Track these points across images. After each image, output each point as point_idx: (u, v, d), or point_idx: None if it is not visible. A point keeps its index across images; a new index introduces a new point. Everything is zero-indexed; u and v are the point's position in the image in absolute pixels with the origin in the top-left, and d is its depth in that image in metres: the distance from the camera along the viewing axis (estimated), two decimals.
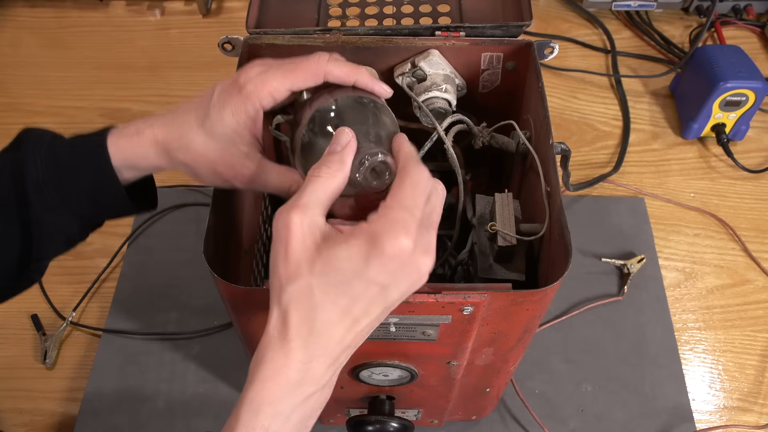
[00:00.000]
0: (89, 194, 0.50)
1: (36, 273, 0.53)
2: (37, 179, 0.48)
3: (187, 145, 0.49)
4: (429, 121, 0.62)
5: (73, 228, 0.51)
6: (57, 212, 0.49)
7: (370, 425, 0.61)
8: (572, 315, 0.83)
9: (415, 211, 0.40)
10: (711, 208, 0.94)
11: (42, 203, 0.48)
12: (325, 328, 0.40)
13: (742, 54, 0.96)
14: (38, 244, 0.50)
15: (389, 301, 0.41)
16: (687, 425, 0.76)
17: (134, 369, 0.79)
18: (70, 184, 0.49)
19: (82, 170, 0.49)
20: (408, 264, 0.39)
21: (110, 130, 0.51)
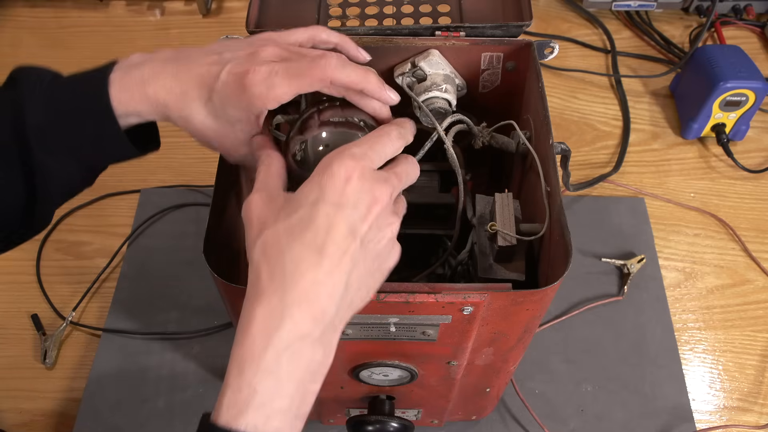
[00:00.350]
0: (91, 139, 0.49)
1: (42, 220, 0.52)
2: (38, 123, 0.47)
3: (187, 118, 0.49)
4: (429, 121, 0.62)
5: (75, 173, 0.51)
6: (59, 157, 0.48)
7: (370, 425, 0.61)
8: (572, 315, 0.83)
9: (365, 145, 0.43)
10: (711, 208, 0.94)
11: (43, 148, 0.47)
12: (296, 267, 0.39)
13: (742, 54, 0.96)
14: (42, 190, 0.49)
15: (351, 223, 0.40)
16: (687, 425, 0.76)
17: (134, 369, 0.79)
18: (70, 128, 0.48)
19: (83, 115, 0.48)
20: (360, 188, 0.41)
21: (112, 69, 0.48)
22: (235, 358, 0.39)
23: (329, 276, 0.40)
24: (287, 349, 0.39)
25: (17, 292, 0.86)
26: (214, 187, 0.53)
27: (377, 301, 0.47)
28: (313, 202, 0.41)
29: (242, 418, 0.39)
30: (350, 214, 0.41)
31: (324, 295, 0.40)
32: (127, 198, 0.94)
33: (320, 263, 0.40)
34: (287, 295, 0.39)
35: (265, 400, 0.39)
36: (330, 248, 0.40)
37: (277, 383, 0.39)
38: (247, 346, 0.39)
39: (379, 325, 0.50)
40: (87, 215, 0.93)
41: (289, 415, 0.40)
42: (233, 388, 0.39)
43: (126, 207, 0.93)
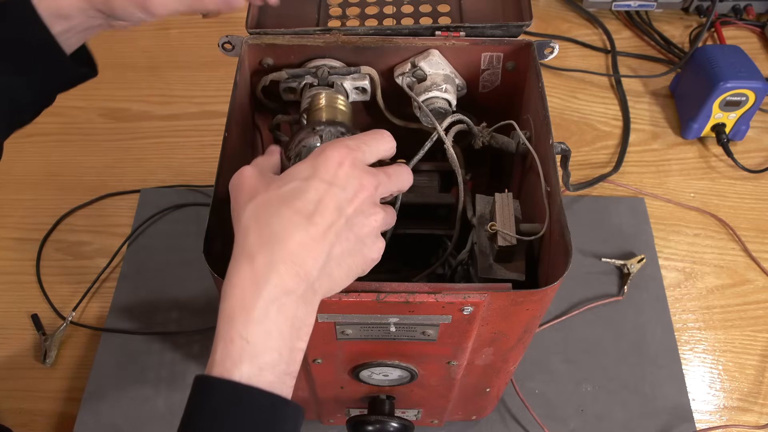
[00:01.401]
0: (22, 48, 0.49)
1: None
2: None
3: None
4: (429, 121, 0.62)
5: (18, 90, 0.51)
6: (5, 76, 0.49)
7: (370, 425, 0.61)
8: (572, 315, 0.83)
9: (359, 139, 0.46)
10: (711, 208, 0.94)
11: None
12: (284, 229, 0.41)
13: (742, 54, 0.96)
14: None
15: (339, 201, 0.43)
16: (687, 425, 0.76)
17: (134, 369, 0.79)
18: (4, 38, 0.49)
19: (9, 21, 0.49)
20: (350, 173, 0.44)
21: None
22: (225, 311, 0.41)
23: (314, 242, 0.42)
24: (274, 302, 0.40)
25: (17, 292, 0.86)
26: (214, 187, 0.53)
27: (377, 301, 0.47)
28: (305, 178, 0.43)
29: (236, 369, 0.40)
30: (338, 193, 0.43)
31: (309, 257, 0.41)
32: (127, 198, 0.94)
33: (307, 229, 0.42)
34: (275, 253, 0.41)
35: (257, 351, 0.40)
36: (318, 218, 0.42)
37: (266, 335, 0.40)
38: (237, 298, 0.41)
39: (379, 325, 0.51)
40: (87, 215, 0.93)
41: (278, 370, 0.41)
42: (225, 339, 0.40)
43: (126, 207, 0.93)
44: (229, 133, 0.56)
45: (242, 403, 0.40)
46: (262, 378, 0.40)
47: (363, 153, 0.45)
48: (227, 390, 0.40)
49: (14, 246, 0.90)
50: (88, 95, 1.04)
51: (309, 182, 0.43)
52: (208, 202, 0.53)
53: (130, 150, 0.99)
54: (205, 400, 0.40)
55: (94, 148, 0.99)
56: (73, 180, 0.96)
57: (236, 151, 0.58)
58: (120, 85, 1.06)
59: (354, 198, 0.44)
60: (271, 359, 0.41)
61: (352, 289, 0.47)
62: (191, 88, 1.06)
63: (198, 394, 0.41)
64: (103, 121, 1.03)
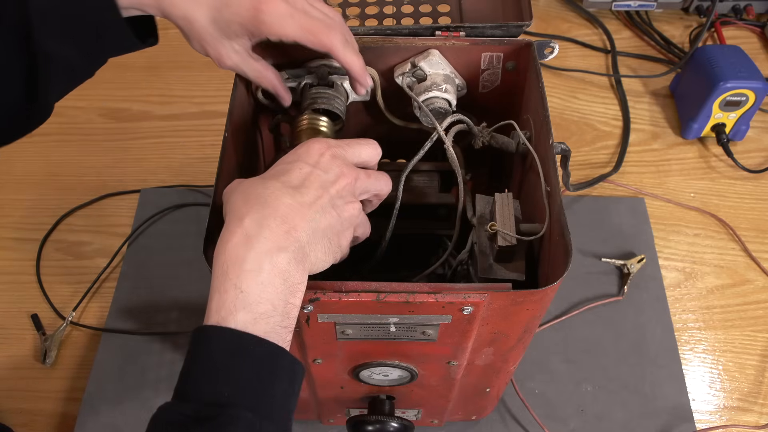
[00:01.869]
0: (92, 26, 0.50)
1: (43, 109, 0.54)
2: (40, 6, 0.48)
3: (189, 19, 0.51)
4: (429, 121, 0.62)
5: (75, 60, 0.52)
6: (59, 41, 0.50)
7: (370, 425, 0.61)
8: (572, 315, 0.83)
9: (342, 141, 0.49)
10: (711, 208, 0.94)
11: (44, 31, 0.49)
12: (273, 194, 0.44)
13: (742, 54, 0.96)
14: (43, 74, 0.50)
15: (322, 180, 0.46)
16: (687, 425, 0.76)
17: (134, 369, 0.79)
18: (72, 13, 0.49)
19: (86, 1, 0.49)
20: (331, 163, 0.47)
21: None
22: (219, 264, 0.42)
23: (303, 207, 0.44)
24: (267, 255, 0.42)
25: (17, 292, 0.86)
26: (214, 187, 0.53)
27: (377, 301, 0.47)
28: (289, 162, 0.46)
29: (232, 317, 0.41)
30: (321, 174, 0.46)
31: (298, 218, 0.43)
32: (127, 198, 0.94)
33: (294, 196, 0.44)
34: (265, 211, 0.43)
35: (252, 300, 0.41)
36: (304, 189, 0.45)
37: (260, 286, 0.41)
38: (230, 251, 0.42)
39: (379, 325, 0.51)
40: (87, 215, 0.93)
41: (272, 321, 0.42)
42: (219, 290, 0.41)
43: (126, 207, 0.93)
44: (229, 133, 0.56)
45: (240, 349, 0.41)
46: (258, 327, 0.41)
47: (343, 150, 0.48)
48: (225, 337, 0.40)
49: (14, 246, 0.90)
50: (87, 95, 1.04)
51: (293, 164, 0.46)
52: (208, 202, 0.53)
53: (130, 150, 0.99)
54: (204, 349, 0.41)
55: (94, 148, 0.99)
56: (73, 180, 0.96)
57: (236, 151, 0.58)
58: (120, 85, 1.06)
59: (335, 181, 0.46)
60: (265, 310, 0.41)
61: (352, 289, 0.47)
62: (191, 88, 1.06)
63: (196, 345, 0.42)
64: (103, 121, 1.03)
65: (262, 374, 0.41)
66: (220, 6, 0.51)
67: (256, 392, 0.41)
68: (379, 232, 0.61)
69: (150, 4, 0.51)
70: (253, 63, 0.56)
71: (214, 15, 0.51)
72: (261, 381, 0.41)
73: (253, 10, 0.51)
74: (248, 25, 0.51)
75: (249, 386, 0.41)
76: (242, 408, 0.40)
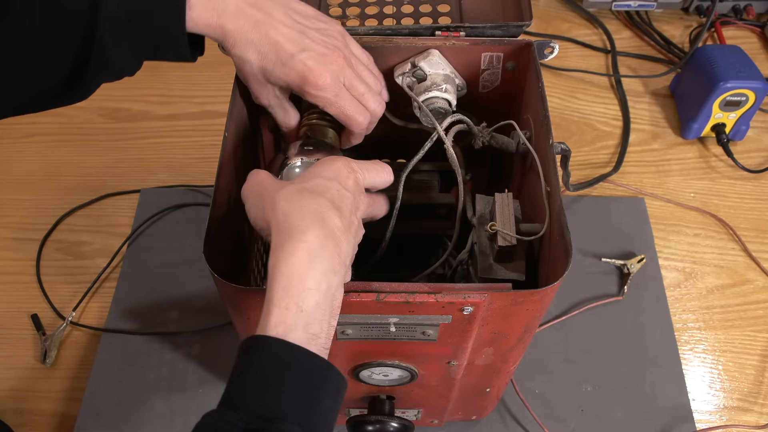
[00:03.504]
0: (155, 41, 0.52)
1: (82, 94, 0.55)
2: (113, 12, 0.49)
3: (242, 59, 0.54)
4: (429, 121, 0.62)
5: (128, 65, 0.54)
6: (120, 49, 0.51)
7: (370, 425, 0.61)
8: (572, 315, 0.83)
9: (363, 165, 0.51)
10: (711, 208, 0.94)
11: (109, 37, 0.50)
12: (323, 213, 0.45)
13: (742, 54, 0.96)
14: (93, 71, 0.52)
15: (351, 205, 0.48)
16: (687, 425, 0.76)
17: (134, 369, 0.79)
18: (141, 27, 0.51)
19: (156, 20, 0.51)
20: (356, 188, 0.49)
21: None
22: (281, 277, 0.42)
23: (346, 230, 0.46)
24: (325, 275, 0.43)
25: (17, 292, 0.86)
26: (214, 187, 0.53)
27: (377, 301, 0.47)
28: (327, 178, 0.48)
29: (291, 334, 0.41)
30: (351, 198, 0.48)
31: (344, 241, 0.45)
32: (127, 198, 0.94)
33: (341, 218, 0.46)
34: (324, 229, 0.44)
35: (309, 320, 0.42)
36: (344, 212, 0.46)
37: (316, 306, 0.42)
38: (295, 266, 0.42)
39: (379, 325, 0.51)
40: (87, 215, 0.93)
41: (319, 343, 0.43)
42: (280, 306, 0.42)
43: (126, 207, 0.93)
44: (229, 133, 0.56)
45: (293, 362, 0.41)
46: (311, 346, 0.42)
47: (363, 176, 0.51)
48: (279, 348, 0.41)
49: (14, 246, 0.90)
50: None
51: (331, 182, 0.48)
52: (208, 202, 0.53)
53: (130, 150, 0.99)
54: (257, 358, 0.41)
55: (94, 148, 0.99)
56: (73, 180, 0.96)
57: (236, 151, 0.58)
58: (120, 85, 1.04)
59: (356, 209, 0.49)
60: (316, 330, 0.42)
61: (352, 289, 0.47)
62: (191, 88, 1.06)
63: (249, 354, 0.42)
64: (103, 121, 1.03)
65: (312, 389, 0.42)
66: (274, 61, 0.53)
67: (305, 407, 0.41)
68: (379, 232, 0.61)
69: (213, 35, 0.53)
70: (286, 110, 0.59)
71: (266, 66, 0.53)
72: (310, 395, 0.42)
73: (300, 79, 0.53)
74: (293, 87, 0.55)
75: (299, 400, 0.41)
76: (291, 422, 0.40)
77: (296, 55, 0.53)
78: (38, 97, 0.54)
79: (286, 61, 0.53)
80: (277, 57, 0.53)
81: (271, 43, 0.53)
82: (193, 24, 0.51)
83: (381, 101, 0.59)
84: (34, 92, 0.53)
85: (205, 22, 0.51)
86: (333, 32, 0.56)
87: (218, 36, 0.53)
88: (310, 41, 0.54)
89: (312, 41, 0.54)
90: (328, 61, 0.54)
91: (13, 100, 0.54)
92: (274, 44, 0.53)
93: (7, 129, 1.01)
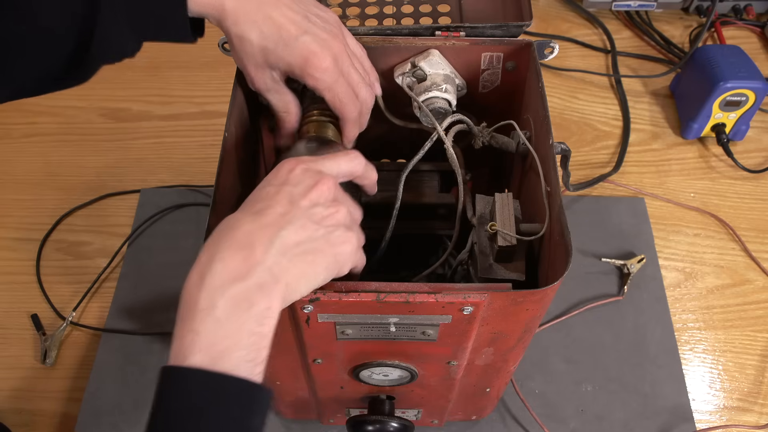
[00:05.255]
0: (156, 21, 0.52)
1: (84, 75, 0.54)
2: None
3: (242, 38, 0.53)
4: (429, 121, 0.62)
5: (129, 45, 0.53)
6: (121, 29, 0.51)
7: (370, 425, 0.61)
8: (572, 315, 0.83)
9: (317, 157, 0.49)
10: (711, 208, 0.94)
11: (110, 19, 0.50)
12: (233, 225, 0.43)
13: (742, 54, 0.96)
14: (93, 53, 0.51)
15: (291, 195, 0.45)
16: (687, 425, 0.76)
17: (134, 369, 0.79)
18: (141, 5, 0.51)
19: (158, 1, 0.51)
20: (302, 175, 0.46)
21: None
22: (178, 313, 0.42)
23: (263, 228, 0.43)
24: (221, 289, 0.41)
25: (17, 292, 0.86)
26: (214, 187, 0.53)
27: (377, 301, 0.47)
28: (258, 188, 0.46)
29: (187, 360, 0.40)
30: (290, 190, 0.45)
31: (256, 242, 0.42)
32: (127, 198, 0.94)
33: (255, 220, 0.43)
34: (220, 244, 0.42)
35: (209, 341, 0.40)
36: (268, 210, 0.43)
37: (216, 324, 0.40)
38: (185, 294, 0.42)
39: (379, 325, 0.51)
40: (87, 215, 0.93)
41: (235, 357, 0.40)
42: (178, 337, 0.41)
43: (126, 207, 0.93)
44: (229, 133, 0.56)
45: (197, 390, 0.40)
46: (219, 366, 0.40)
47: (318, 164, 0.48)
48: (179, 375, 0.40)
49: (14, 246, 0.90)
50: (87, 95, 1.04)
51: (260, 190, 0.46)
52: (208, 202, 0.53)
53: (130, 150, 0.99)
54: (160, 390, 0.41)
55: (94, 148, 0.99)
56: (73, 180, 0.96)
57: (236, 151, 0.58)
58: (120, 85, 1.06)
59: (308, 192, 0.45)
60: (225, 347, 0.40)
61: (352, 289, 0.47)
62: (191, 88, 1.06)
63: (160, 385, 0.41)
64: (102, 121, 1.03)
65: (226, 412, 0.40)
66: (277, 41, 0.53)
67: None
68: (379, 232, 0.61)
69: (212, 14, 0.52)
70: (283, 94, 0.58)
71: (267, 45, 0.53)
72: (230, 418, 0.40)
73: (303, 61, 0.53)
74: (293, 68, 0.54)
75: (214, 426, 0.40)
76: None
77: (300, 37, 0.53)
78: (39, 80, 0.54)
79: (289, 42, 0.53)
80: (280, 37, 0.53)
81: (275, 24, 0.52)
82: (194, 3, 0.51)
83: (372, 92, 0.59)
84: (35, 75, 0.53)
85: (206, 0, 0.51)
86: (331, 20, 0.56)
87: (218, 15, 0.52)
88: (312, 25, 0.54)
89: (314, 25, 0.54)
90: (330, 45, 0.54)
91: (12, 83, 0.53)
92: (277, 25, 0.52)
93: (7, 129, 1.02)
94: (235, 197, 0.59)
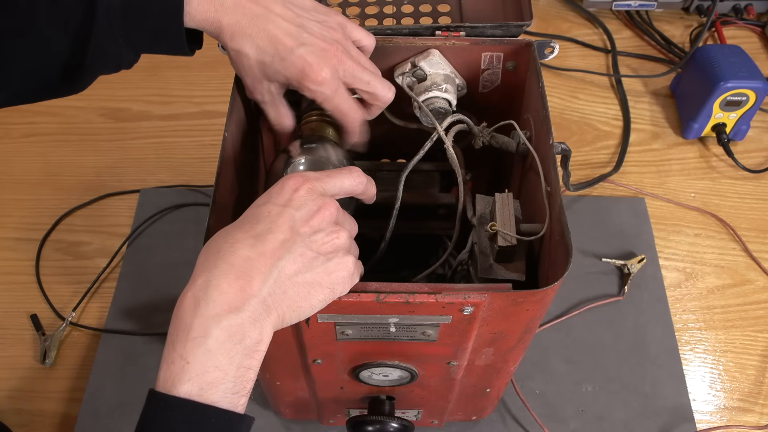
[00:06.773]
0: (152, 34, 0.52)
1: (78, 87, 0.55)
2: (110, 4, 0.49)
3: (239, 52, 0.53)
4: (429, 121, 0.62)
5: (126, 57, 0.53)
6: (117, 41, 0.51)
7: (370, 425, 0.61)
8: (572, 315, 0.83)
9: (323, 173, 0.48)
10: (711, 208, 0.94)
11: (106, 31, 0.50)
12: (230, 247, 0.42)
13: (742, 54, 0.96)
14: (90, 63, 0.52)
15: (293, 220, 0.44)
16: (687, 425, 0.76)
17: (134, 369, 0.79)
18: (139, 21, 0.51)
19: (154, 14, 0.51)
20: (306, 197, 0.45)
21: None
22: (169, 335, 0.41)
23: (261, 256, 0.42)
24: (215, 319, 0.40)
25: (17, 292, 0.86)
26: (214, 187, 0.53)
27: (377, 301, 0.47)
28: (259, 204, 0.45)
29: (175, 389, 0.40)
30: (293, 214, 0.44)
31: (254, 270, 0.41)
32: (127, 198, 0.94)
33: (255, 246, 0.42)
34: (216, 268, 0.41)
35: (198, 371, 0.40)
36: (268, 236, 0.43)
37: (207, 354, 0.40)
38: (178, 318, 0.41)
39: (379, 325, 0.50)
40: (87, 215, 0.93)
41: (222, 389, 0.40)
42: (167, 361, 0.41)
43: (126, 207, 0.93)
44: (229, 133, 0.56)
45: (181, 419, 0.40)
46: (206, 396, 0.40)
47: (322, 183, 0.47)
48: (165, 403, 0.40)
49: (14, 246, 0.90)
50: (87, 95, 1.03)
51: (262, 207, 0.45)
52: (208, 202, 0.53)
53: (130, 150, 0.99)
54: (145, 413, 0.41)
55: (94, 148, 0.99)
56: (73, 180, 0.96)
57: (236, 151, 0.58)
58: (120, 84, 1.06)
59: (310, 219, 0.44)
60: (214, 378, 0.40)
61: (352, 289, 0.47)
62: (191, 88, 1.06)
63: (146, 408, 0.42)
64: (102, 121, 1.03)
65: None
66: (273, 55, 0.52)
67: None
68: (379, 232, 0.61)
69: (210, 29, 0.52)
70: (279, 107, 0.58)
71: (264, 60, 0.53)
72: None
73: (300, 74, 0.52)
74: (291, 81, 0.54)
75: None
76: None
77: (295, 50, 0.52)
78: (34, 89, 0.54)
79: (285, 56, 0.52)
80: (276, 51, 0.52)
81: (270, 37, 0.52)
82: (191, 18, 0.51)
83: (390, 86, 0.57)
84: (31, 83, 0.53)
85: (202, 16, 0.51)
86: (332, 23, 0.56)
87: (215, 30, 0.52)
88: (309, 35, 0.53)
89: (311, 35, 0.53)
90: (328, 55, 0.53)
91: (8, 91, 0.53)
92: (272, 38, 0.52)
93: (7, 129, 1.01)
94: (234, 197, 0.59)
